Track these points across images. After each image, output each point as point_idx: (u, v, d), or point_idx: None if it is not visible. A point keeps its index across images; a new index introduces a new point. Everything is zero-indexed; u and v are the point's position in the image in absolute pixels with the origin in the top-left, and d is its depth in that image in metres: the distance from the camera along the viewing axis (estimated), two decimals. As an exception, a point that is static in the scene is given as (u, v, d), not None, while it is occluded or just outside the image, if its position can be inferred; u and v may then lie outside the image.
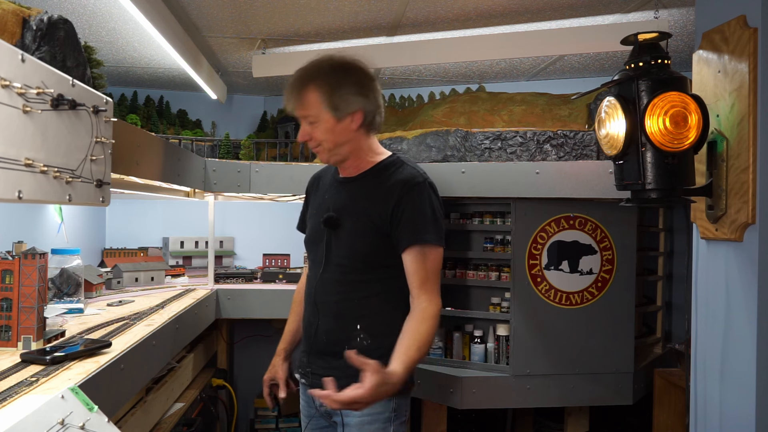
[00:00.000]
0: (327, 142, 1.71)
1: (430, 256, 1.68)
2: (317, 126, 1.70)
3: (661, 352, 2.89)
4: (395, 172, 1.75)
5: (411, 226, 1.68)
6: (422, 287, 1.67)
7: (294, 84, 1.71)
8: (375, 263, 1.73)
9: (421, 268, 1.68)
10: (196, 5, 2.41)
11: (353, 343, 1.70)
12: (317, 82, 1.68)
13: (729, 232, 1.57)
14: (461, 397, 2.43)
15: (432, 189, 1.74)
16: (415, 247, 1.67)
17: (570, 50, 2.71)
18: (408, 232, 1.68)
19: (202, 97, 3.58)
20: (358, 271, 1.73)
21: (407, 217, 1.68)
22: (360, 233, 1.72)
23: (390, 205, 1.69)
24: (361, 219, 1.72)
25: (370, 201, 1.73)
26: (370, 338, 1.71)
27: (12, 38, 1.20)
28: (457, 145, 2.54)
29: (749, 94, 1.49)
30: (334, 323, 1.74)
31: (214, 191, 2.85)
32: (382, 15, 2.52)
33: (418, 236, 1.68)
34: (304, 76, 1.70)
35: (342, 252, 1.73)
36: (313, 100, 1.68)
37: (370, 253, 1.72)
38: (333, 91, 1.67)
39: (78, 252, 2.26)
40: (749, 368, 1.50)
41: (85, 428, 1.08)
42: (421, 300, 1.66)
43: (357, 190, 1.77)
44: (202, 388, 2.99)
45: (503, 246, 2.57)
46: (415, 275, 1.68)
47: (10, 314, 1.50)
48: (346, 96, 1.68)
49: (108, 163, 1.40)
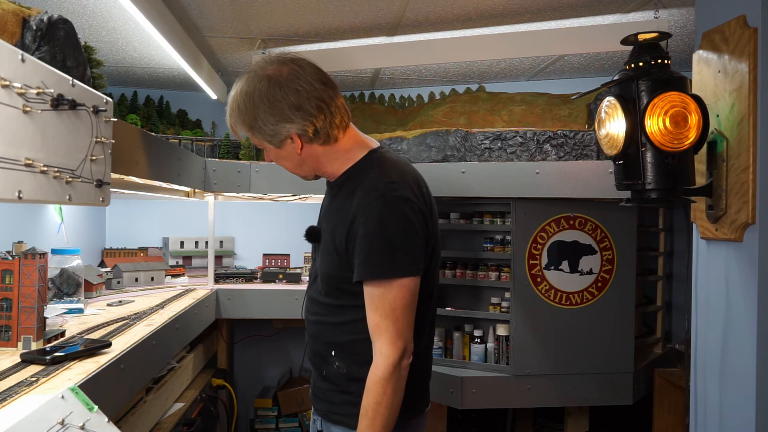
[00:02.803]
0: (287, 167, 1.56)
1: (389, 293, 1.38)
2: (269, 153, 1.56)
3: (661, 352, 2.89)
4: (361, 180, 1.46)
5: (361, 256, 1.39)
6: (375, 331, 1.39)
7: (228, 121, 1.54)
8: (343, 289, 1.48)
9: (375, 308, 1.39)
10: (196, 5, 2.41)
11: (330, 368, 1.53)
12: (238, 123, 1.50)
13: (729, 232, 1.57)
14: (461, 397, 2.43)
15: (400, 201, 1.40)
16: (367, 283, 1.40)
17: (570, 50, 2.71)
18: (358, 263, 1.40)
19: (202, 97, 3.58)
20: (331, 295, 1.52)
21: (359, 242, 1.39)
22: (327, 254, 1.51)
23: (347, 223, 1.42)
24: (328, 236, 1.50)
25: (335, 216, 1.49)
26: (345, 367, 1.50)
27: (12, 38, 1.20)
28: (457, 145, 2.54)
29: (749, 94, 1.49)
30: (315, 345, 1.58)
31: (214, 191, 2.85)
32: (382, 15, 2.52)
33: (367, 270, 1.39)
34: (228, 116, 1.52)
35: (319, 270, 1.55)
36: (247, 133, 1.52)
37: (335, 277, 1.48)
38: (252, 126, 1.47)
39: (78, 252, 2.26)
40: (749, 368, 1.50)
41: (85, 428, 1.08)
42: (375, 348, 1.40)
43: (332, 201, 1.55)
44: (202, 388, 2.99)
45: (503, 246, 2.57)
46: (368, 315, 1.40)
47: (10, 314, 1.50)
48: (266, 128, 1.46)
49: (108, 163, 1.40)
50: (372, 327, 1.40)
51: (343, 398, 1.51)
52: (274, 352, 3.70)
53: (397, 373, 1.38)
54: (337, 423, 1.53)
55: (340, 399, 1.52)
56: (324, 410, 1.58)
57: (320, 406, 1.59)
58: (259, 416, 3.49)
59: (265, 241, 3.70)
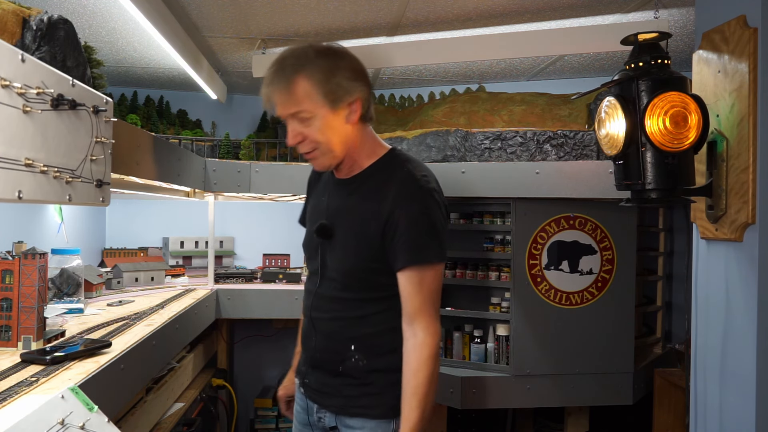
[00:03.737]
0: (324, 143, 1.47)
1: (428, 277, 1.47)
2: (311, 123, 1.45)
3: (661, 352, 2.89)
4: (392, 174, 1.52)
5: (407, 242, 1.46)
6: (418, 313, 1.47)
7: (277, 77, 1.44)
8: (369, 281, 1.53)
9: (418, 292, 1.47)
10: (196, 5, 2.41)
11: (348, 363, 1.55)
12: (308, 70, 1.42)
13: (729, 232, 1.57)
14: (461, 397, 2.43)
15: (435, 193, 1.51)
16: (412, 268, 1.46)
17: (570, 50, 2.71)
18: (403, 250, 1.46)
19: (202, 97, 3.58)
20: (352, 289, 1.54)
21: (402, 231, 1.46)
22: (352, 248, 1.52)
23: (383, 216, 1.47)
24: (353, 231, 1.52)
25: (362, 210, 1.52)
26: (366, 359, 1.54)
27: (12, 38, 1.20)
28: (457, 145, 2.54)
29: (749, 94, 1.49)
30: (329, 342, 1.58)
31: (214, 191, 2.85)
32: (382, 15, 2.52)
33: (414, 256, 1.46)
34: (288, 67, 1.43)
35: (335, 266, 1.55)
36: (304, 92, 1.42)
37: (363, 270, 1.52)
38: (328, 78, 1.42)
39: (78, 252, 2.26)
40: (749, 368, 1.50)
41: (85, 428, 1.08)
42: (416, 330, 1.47)
43: (350, 196, 1.56)
44: (202, 388, 2.99)
45: (503, 246, 2.57)
46: (410, 300, 1.48)
47: (10, 314, 1.50)
48: (343, 82, 1.43)
49: (108, 163, 1.40)
50: (413, 310, 1.47)
51: (362, 391, 1.55)
52: (274, 352, 3.70)
53: (438, 350, 1.49)
54: (356, 416, 1.55)
55: (359, 392, 1.55)
56: (338, 405, 1.58)
57: (332, 402, 1.59)
58: (259, 416, 3.49)
59: (265, 241, 3.70)
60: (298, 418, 1.76)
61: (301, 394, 1.74)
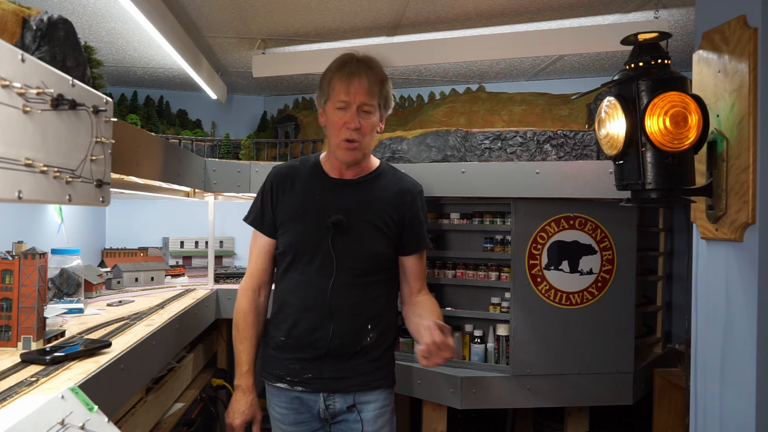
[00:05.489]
0: (367, 138, 1.77)
1: (424, 257, 1.97)
2: (369, 118, 1.74)
3: (661, 352, 2.88)
4: (397, 179, 1.90)
5: (417, 232, 1.88)
6: (423, 283, 1.94)
7: (364, 71, 1.73)
8: (384, 265, 1.85)
9: (423, 269, 1.95)
10: (196, 5, 2.41)
11: (364, 342, 1.80)
12: (378, 75, 1.75)
13: (729, 232, 1.57)
14: (461, 397, 2.43)
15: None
16: (422, 251, 1.92)
17: (570, 50, 2.71)
18: (415, 238, 1.88)
19: (202, 97, 3.58)
20: (370, 274, 1.82)
21: (413, 223, 1.87)
22: (374, 237, 1.81)
23: (399, 211, 1.84)
24: (373, 222, 1.81)
25: (379, 205, 1.83)
26: (377, 336, 1.82)
27: (12, 38, 1.20)
28: (457, 145, 2.54)
29: (749, 94, 1.49)
30: (350, 326, 1.79)
31: (214, 191, 2.85)
32: (382, 15, 2.52)
33: (422, 242, 1.91)
34: (375, 66, 1.76)
35: (354, 255, 1.79)
36: (375, 91, 1.73)
37: (383, 255, 1.83)
38: (384, 86, 1.77)
39: (78, 252, 2.26)
40: (749, 368, 1.50)
41: (85, 428, 1.08)
42: (426, 292, 1.93)
43: (363, 194, 1.84)
44: (202, 388, 2.99)
45: (503, 246, 2.57)
46: (419, 275, 1.92)
47: (10, 314, 1.50)
48: (390, 93, 1.80)
49: (108, 163, 1.40)
50: (420, 281, 1.92)
51: (374, 366, 1.82)
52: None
53: None
54: (375, 388, 1.82)
55: (372, 367, 1.82)
56: (359, 383, 1.80)
57: (350, 383, 1.79)
58: (259, 416, 3.49)
59: (265, 241, 3.70)
60: (286, 420, 1.83)
61: (295, 395, 1.81)
